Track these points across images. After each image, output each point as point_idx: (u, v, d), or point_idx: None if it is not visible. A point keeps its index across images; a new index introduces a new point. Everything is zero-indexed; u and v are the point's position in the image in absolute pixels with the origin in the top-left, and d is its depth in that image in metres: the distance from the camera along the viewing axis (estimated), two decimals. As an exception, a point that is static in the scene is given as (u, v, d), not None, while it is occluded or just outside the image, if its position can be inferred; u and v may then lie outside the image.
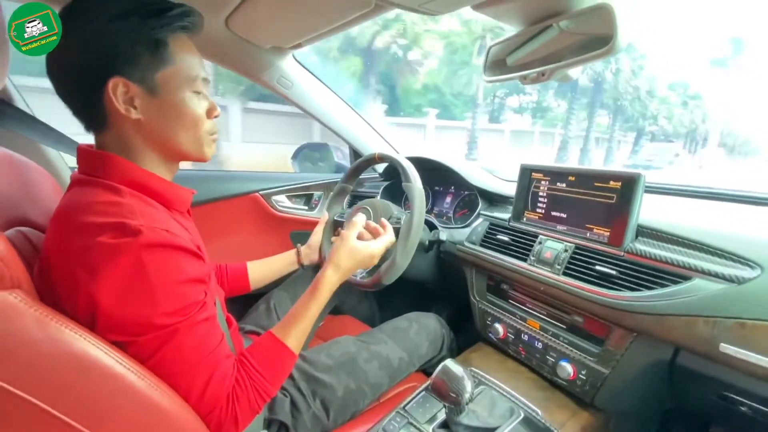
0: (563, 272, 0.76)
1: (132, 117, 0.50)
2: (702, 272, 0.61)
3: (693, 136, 22.23)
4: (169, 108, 0.53)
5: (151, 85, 0.51)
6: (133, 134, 0.52)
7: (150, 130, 0.53)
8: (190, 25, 0.53)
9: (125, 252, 0.44)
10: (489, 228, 0.97)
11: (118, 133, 0.52)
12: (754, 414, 0.59)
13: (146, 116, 0.51)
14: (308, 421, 0.70)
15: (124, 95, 0.49)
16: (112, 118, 0.51)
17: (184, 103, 0.54)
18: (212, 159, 0.61)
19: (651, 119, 19.78)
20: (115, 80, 0.48)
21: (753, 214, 0.80)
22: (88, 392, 0.42)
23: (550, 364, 0.78)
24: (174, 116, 0.53)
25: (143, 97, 0.50)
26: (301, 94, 1.18)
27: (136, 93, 0.50)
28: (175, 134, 0.54)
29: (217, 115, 0.59)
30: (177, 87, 0.53)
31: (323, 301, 0.67)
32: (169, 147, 0.55)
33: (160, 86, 0.51)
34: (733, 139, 25.13)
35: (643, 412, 0.83)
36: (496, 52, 0.76)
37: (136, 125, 0.52)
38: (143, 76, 0.50)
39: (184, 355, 0.49)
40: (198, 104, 0.55)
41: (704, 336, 0.57)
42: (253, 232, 1.34)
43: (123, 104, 0.49)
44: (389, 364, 0.82)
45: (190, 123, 0.55)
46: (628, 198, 0.71)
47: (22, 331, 0.39)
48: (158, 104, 0.52)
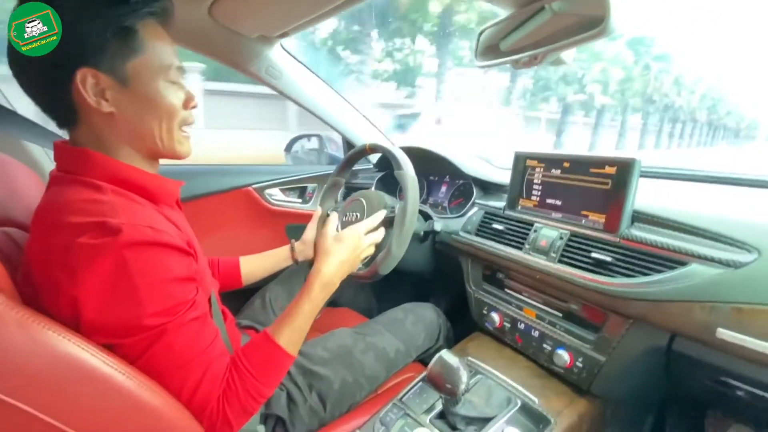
0: (559, 260, 0.75)
1: (104, 110, 0.48)
2: (698, 257, 0.60)
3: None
4: (141, 99, 0.51)
5: (121, 75, 0.48)
6: (106, 129, 0.50)
7: (123, 124, 0.51)
8: (158, 10, 0.51)
9: (106, 252, 0.43)
10: (484, 217, 0.96)
11: (91, 128, 0.50)
12: (751, 398, 0.59)
13: (119, 109, 0.49)
14: (305, 414, 0.70)
15: (94, 87, 0.47)
16: (84, 113, 0.49)
17: (157, 93, 0.51)
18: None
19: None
20: (83, 71, 0.46)
21: (749, 198, 0.79)
22: (75, 394, 0.41)
23: (546, 353, 0.78)
24: (146, 107, 0.51)
25: (114, 89, 0.48)
26: (290, 85, 1.15)
27: (107, 84, 0.48)
28: (148, 126, 0.52)
29: (195, 106, 0.57)
30: (149, 77, 0.51)
31: (317, 297, 0.65)
32: (144, 142, 0.53)
33: (132, 77, 0.49)
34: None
35: (640, 399, 0.83)
36: (488, 36, 0.74)
37: (109, 119, 0.50)
38: (113, 66, 0.48)
39: (173, 356, 0.48)
40: (173, 94, 0.53)
41: (701, 321, 0.57)
42: (247, 227, 1.33)
43: (93, 96, 0.47)
44: (386, 355, 0.82)
45: (164, 114, 0.53)
46: (623, 183, 0.70)
47: (5, 334, 0.38)
48: (130, 95, 0.50)
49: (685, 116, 21.10)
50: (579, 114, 17.89)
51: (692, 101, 19.77)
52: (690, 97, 19.48)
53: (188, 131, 0.58)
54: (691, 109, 20.33)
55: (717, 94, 22.52)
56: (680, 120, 21.74)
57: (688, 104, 19.65)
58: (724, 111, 25.00)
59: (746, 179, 0.83)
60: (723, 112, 25.02)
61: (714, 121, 25.16)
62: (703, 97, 20.78)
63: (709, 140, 26.97)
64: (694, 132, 24.70)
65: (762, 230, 0.58)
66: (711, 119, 24.49)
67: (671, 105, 18.58)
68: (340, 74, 10.11)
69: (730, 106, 25.68)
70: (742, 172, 0.85)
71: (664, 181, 0.95)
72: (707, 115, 23.17)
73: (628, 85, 15.53)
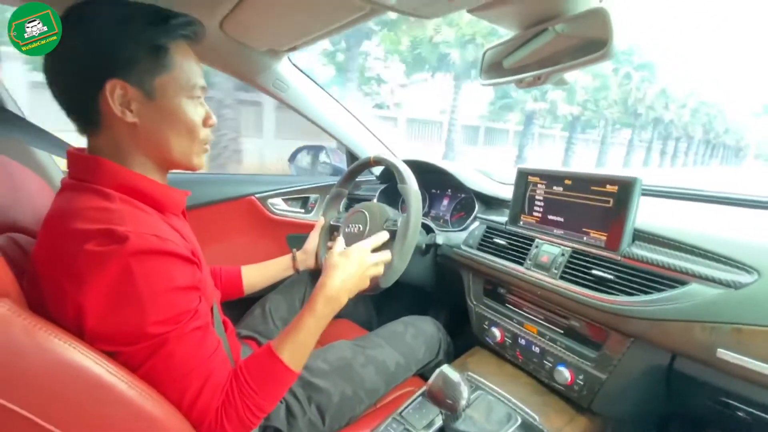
0: (560, 276, 0.76)
1: (127, 120, 0.50)
2: (699, 277, 0.60)
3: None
4: (165, 113, 0.53)
5: (148, 89, 0.51)
6: (126, 138, 0.52)
7: (144, 135, 0.53)
8: (191, 34, 0.54)
9: (112, 260, 0.44)
10: (486, 231, 0.97)
11: (112, 136, 0.52)
12: (752, 420, 0.59)
13: (141, 120, 0.51)
14: (304, 427, 0.69)
15: (121, 98, 0.49)
16: (107, 121, 0.51)
17: (180, 109, 0.54)
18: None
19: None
20: (113, 82, 0.48)
21: (750, 218, 0.80)
22: (78, 402, 0.41)
23: (547, 369, 0.78)
24: (169, 122, 0.53)
25: (140, 101, 0.51)
26: (297, 97, 1.18)
27: (134, 96, 0.50)
28: (169, 140, 0.54)
29: (213, 124, 0.59)
30: (174, 93, 0.53)
31: (322, 312, 0.65)
32: (162, 153, 0.55)
33: (158, 91, 0.51)
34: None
35: (640, 417, 0.83)
36: (492, 55, 0.76)
37: (131, 129, 0.52)
38: (142, 80, 0.50)
39: (174, 365, 0.48)
40: (194, 111, 0.56)
41: (701, 342, 0.57)
42: (249, 236, 1.33)
43: (119, 106, 0.49)
44: (386, 368, 0.82)
45: (184, 129, 0.55)
46: (624, 202, 0.71)
47: (10, 340, 0.38)
48: (154, 109, 0.52)
49: (678, 132, 20.72)
50: (557, 127, 17.35)
51: (683, 116, 19.34)
52: (681, 111, 19.03)
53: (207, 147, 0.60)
54: (683, 125, 19.88)
55: (712, 110, 22.38)
56: (673, 137, 21.38)
57: (680, 119, 19.19)
58: (722, 128, 24.88)
59: (747, 200, 0.84)
60: (721, 130, 24.92)
61: (712, 139, 25.03)
62: (695, 111, 20.40)
63: (706, 159, 26.88)
64: (690, 150, 24.47)
65: (762, 251, 0.59)
66: (708, 137, 24.32)
67: (660, 119, 18.14)
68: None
69: (728, 124, 25.60)
70: (743, 193, 0.86)
71: (665, 200, 0.96)
72: (703, 133, 22.93)
73: (603, 95, 14.77)
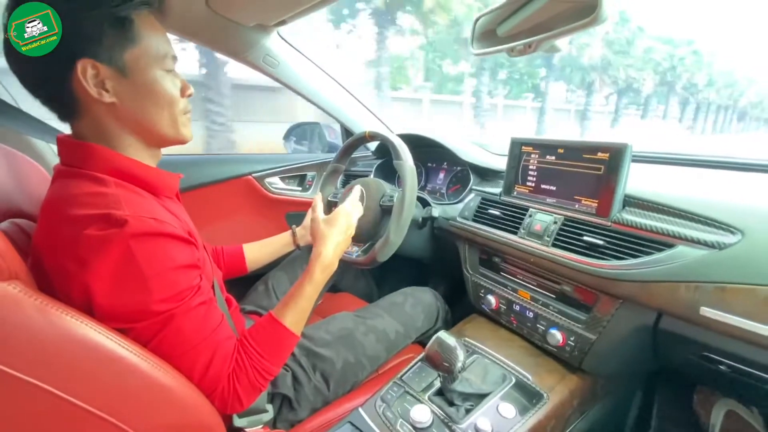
0: (552, 244, 0.78)
1: (105, 101, 0.50)
2: (685, 239, 0.62)
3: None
4: (141, 88, 0.52)
5: (120, 65, 0.50)
6: (108, 119, 0.52)
7: (125, 114, 0.52)
8: (153, 1, 0.52)
9: (113, 243, 0.45)
10: (481, 203, 0.98)
11: (94, 120, 0.51)
12: (733, 373, 0.62)
13: (120, 99, 0.51)
14: (310, 393, 0.73)
15: (94, 78, 0.48)
16: (85, 104, 0.50)
17: (156, 82, 0.53)
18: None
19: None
20: (83, 62, 0.47)
21: (737, 180, 0.81)
22: (94, 375, 0.44)
23: (540, 332, 0.81)
24: (148, 97, 0.53)
25: (114, 79, 0.50)
26: (288, 73, 1.16)
27: (107, 75, 0.49)
28: (151, 116, 0.54)
29: (191, 94, 0.59)
30: (147, 66, 0.52)
31: (318, 279, 0.68)
32: (147, 130, 0.55)
33: (130, 66, 0.50)
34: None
35: (628, 375, 0.87)
36: (483, 23, 0.75)
37: (111, 109, 0.51)
38: (111, 56, 0.49)
39: (183, 338, 0.50)
40: (171, 83, 0.55)
41: (686, 300, 0.59)
42: (248, 215, 1.35)
43: (94, 87, 0.49)
44: (386, 337, 0.85)
45: (164, 103, 0.54)
46: (615, 168, 0.71)
47: (25, 320, 0.40)
48: (130, 85, 0.51)
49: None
50: (528, 97, 16.44)
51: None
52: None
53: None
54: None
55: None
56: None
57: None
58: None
59: (735, 163, 0.85)
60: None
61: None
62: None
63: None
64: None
65: (747, 212, 0.60)
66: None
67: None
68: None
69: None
70: (731, 156, 0.86)
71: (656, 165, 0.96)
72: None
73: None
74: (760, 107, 25.81)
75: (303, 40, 8.24)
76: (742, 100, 23.59)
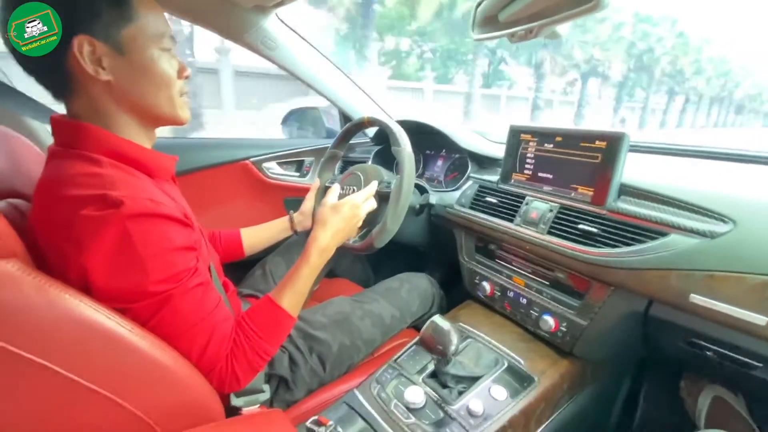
0: (548, 231, 0.79)
1: (101, 78, 0.49)
2: (678, 228, 0.63)
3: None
4: (138, 67, 0.52)
5: (117, 43, 0.49)
6: (104, 98, 0.51)
7: (121, 93, 0.52)
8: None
9: (110, 223, 0.45)
10: (478, 190, 0.98)
11: (89, 98, 0.51)
12: (719, 358, 0.64)
13: (116, 77, 0.50)
14: (306, 375, 0.74)
15: (90, 55, 0.48)
16: (81, 82, 0.50)
17: (153, 61, 0.52)
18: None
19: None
20: (80, 38, 0.47)
21: (732, 171, 0.82)
22: (93, 353, 0.44)
23: (533, 318, 0.83)
24: (144, 76, 0.52)
25: (111, 57, 0.49)
26: (286, 56, 1.14)
27: (103, 52, 0.49)
28: (148, 95, 0.53)
29: (188, 76, 0.58)
30: (144, 45, 0.51)
31: (315, 263, 0.69)
32: (143, 109, 0.54)
33: (127, 44, 0.50)
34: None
35: (618, 360, 0.89)
36: (485, 8, 0.74)
37: (107, 88, 0.50)
38: (108, 33, 0.48)
39: (181, 319, 0.51)
40: (168, 63, 0.54)
41: (676, 288, 0.60)
42: (245, 200, 1.34)
43: (91, 64, 0.48)
44: (382, 321, 0.87)
45: (161, 83, 0.54)
46: (612, 157, 0.72)
47: (24, 298, 0.40)
48: (127, 63, 0.50)
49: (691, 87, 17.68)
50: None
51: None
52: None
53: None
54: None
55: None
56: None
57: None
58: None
59: (730, 154, 0.86)
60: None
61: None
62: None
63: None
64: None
65: (738, 202, 0.61)
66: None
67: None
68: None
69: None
70: (726, 147, 0.87)
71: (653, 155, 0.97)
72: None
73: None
74: (759, 99, 25.38)
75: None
76: (738, 91, 22.78)
